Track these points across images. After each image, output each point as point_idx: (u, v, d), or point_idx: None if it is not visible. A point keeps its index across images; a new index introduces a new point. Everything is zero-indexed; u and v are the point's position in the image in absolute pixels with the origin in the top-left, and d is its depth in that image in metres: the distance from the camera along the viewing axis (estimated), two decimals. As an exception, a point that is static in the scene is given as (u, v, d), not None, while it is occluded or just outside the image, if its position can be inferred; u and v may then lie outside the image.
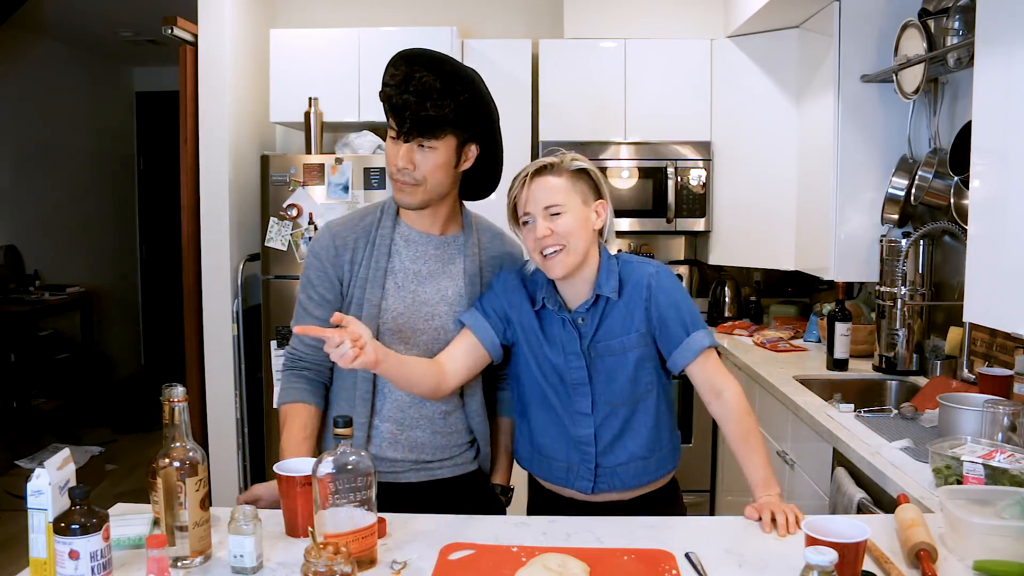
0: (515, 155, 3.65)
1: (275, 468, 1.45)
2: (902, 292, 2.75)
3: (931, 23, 2.53)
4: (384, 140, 3.60)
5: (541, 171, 1.60)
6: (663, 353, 1.67)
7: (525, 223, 1.62)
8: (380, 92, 1.62)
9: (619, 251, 1.73)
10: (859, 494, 1.92)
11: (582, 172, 1.63)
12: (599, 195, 1.64)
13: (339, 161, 3.52)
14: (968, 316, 1.91)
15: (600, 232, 1.66)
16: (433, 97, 1.55)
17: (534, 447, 1.73)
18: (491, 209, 1.90)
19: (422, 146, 1.59)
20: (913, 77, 2.62)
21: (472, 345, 1.67)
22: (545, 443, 1.71)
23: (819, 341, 3.33)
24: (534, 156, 3.82)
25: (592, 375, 1.64)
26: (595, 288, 1.64)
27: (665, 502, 1.73)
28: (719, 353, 1.72)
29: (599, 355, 1.64)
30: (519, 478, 1.85)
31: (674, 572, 1.31)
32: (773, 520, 1.47)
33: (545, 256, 1.59)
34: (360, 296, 1.66)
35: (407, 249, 1.70)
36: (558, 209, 1.58)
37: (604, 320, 1.65)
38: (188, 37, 3.67)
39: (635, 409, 1.66)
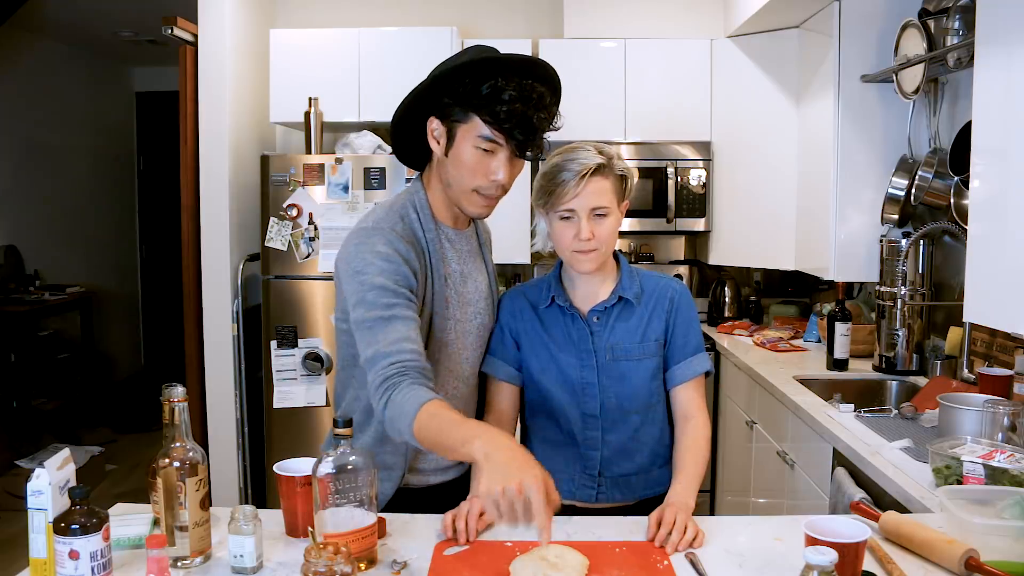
0: (515, 155, 3.68)
1: (275, 468, 1.45)
2: (902, 292, 2.75)
3: (931, 23, 2.53)
4: (383, 140, 3.64)
5: (595, 171, 1.55)
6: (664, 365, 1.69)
7: (565, 218, 1.58)
8: (502, 106, 1.45)
9: (619, 251, 1.73)
10: (859, 494, 1.92)
11: (623, 175, 1.62)
12: (624, 197, 1.64)
13: (339, 161, 3.52)
14: (968, 316, 1.91)
15: None
16: (550, 112, 1.52)
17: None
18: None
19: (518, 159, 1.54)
20: (913, 77, 2.62)
21: (507, 391, 1.70)
22: (548, 455, 1.69)
23: (819, 341, 3.33)
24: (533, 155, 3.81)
25: (601, 377, 1.64)
26: (618, 290, 1.65)
27: None
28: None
29: (614, 359, 1.64)
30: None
31: (665, 563, 1.32)
32: (663, 527, 1.40)
33: (579, 251, 1.59)
34: (429, 309, 1.57)
35: (452, 251, 1.63)
36: (604, 211, 1.57)
37: (619, 323, 1.65)
38: (188, 37, 3.67)
39: (645, 419, 1.67)
